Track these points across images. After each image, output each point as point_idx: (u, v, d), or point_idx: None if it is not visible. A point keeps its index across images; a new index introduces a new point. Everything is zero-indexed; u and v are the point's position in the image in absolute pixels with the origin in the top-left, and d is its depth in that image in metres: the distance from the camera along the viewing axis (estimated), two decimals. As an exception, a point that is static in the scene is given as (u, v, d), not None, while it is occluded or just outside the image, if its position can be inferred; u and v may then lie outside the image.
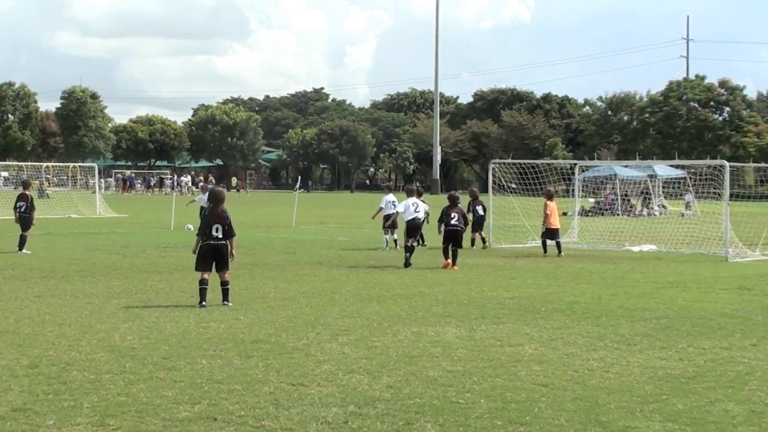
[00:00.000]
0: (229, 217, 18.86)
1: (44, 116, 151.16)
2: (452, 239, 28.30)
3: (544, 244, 32.77)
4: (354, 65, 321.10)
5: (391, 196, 33.78)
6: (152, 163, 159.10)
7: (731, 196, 33.92)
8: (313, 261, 28.91)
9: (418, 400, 10.90)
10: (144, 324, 16.16)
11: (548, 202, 32.75)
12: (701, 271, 27.34)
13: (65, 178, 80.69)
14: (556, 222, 32.77)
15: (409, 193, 30.35)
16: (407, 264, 27.52)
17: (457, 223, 28.59)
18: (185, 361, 12.97)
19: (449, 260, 27.95)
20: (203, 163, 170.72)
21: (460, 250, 28.55)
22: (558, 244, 32.35)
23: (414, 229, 28.96)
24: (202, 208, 44.06)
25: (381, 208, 33.73)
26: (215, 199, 19.04)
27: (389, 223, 32.33)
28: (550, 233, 32.69)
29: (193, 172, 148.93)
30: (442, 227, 28.67)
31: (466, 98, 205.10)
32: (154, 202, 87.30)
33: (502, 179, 40.35)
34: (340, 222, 54.23)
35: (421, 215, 29.34)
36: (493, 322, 16.81)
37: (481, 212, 35.60)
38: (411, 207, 29.15)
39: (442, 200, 34.25)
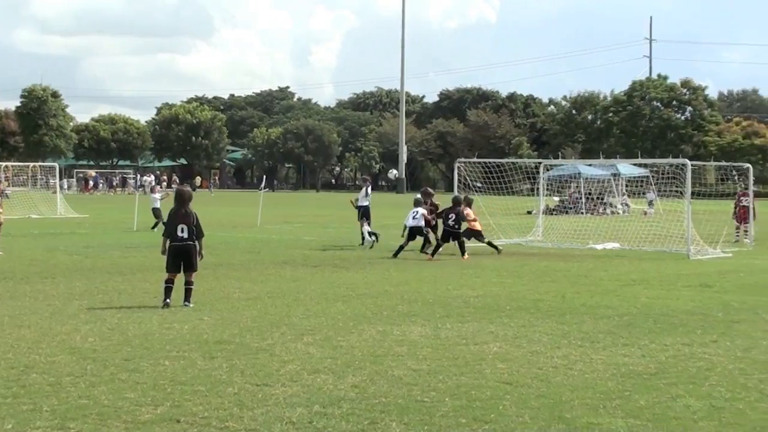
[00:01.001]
0: (196, 217, 18.74)
1: (3, 115, 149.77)
2: (449, 238, 31.20)
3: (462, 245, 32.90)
4: (319, 64, 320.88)
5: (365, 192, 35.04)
6: (115, 163, 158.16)
7: (693, 194, 34.13)
8: (278, 261, 28.84)
9: (383, 399, 10.90)
10: (106, 325, 16.03)
11: (468, 209, 32.98)
12: (663, 269, 27.50)
13: (25, 177, 80.00)
14: (478, 225, 33.05)
15: (417, 203, 32.57)
16: (395, 254, 30.55)
17: (453, 224, 31.21)
18: (148, 363, 12.90)
19: (431, 255, 30.55)
20: (167, 162, 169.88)
21: (459, 241, 31.22)
22: (462, 244, 32.13)
23: (413, 234, 31.88)
24: (154, 208, 44.07)
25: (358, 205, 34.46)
26: (180, 199, 18.87)
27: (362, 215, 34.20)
28: (476, 234, 32.84)
29: (158, 172, 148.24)
30: (435, 218, 32.00)
31: (432, 97, 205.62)
32: (116, 202, 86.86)
33: (468, 178, 40.46)
34: (306, 221, 54.12)
35: (420, 222, 31.77)
36: (458, 321, 16.83)
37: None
38: (411, 215, 32.09)
39: (408, 200, 34.32)
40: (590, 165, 73.11)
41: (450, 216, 31.44)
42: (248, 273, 25.08)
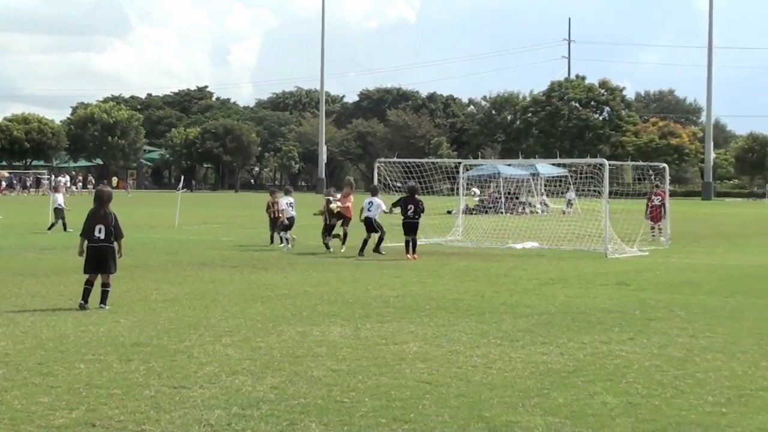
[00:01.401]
0: (116, 217, 18.52)
1: None
2: (408, 231, 30.98)
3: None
4: (238, 64, 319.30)
5: (289, 198, 34.83)
6: (28, 163, 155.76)
7: (610, 193, 34.51)
8: (196, 262, 28.66)
9: (303, 400, 10.87)
10: (19, 329, 15.76)
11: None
12: (582, 268, 27.78)
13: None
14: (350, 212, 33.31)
15: (373, 192, 33.55)
16: (360, 252, 31.30)
17: (412, 215, 31.22)
18: (62, 366, 12.72)
19: (409, 254, 30.55)
20: (82, 162, 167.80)
21: (415, 238, 31.20)
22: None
23: (367, 225, 32.22)
24: (56, 208, 43.61)
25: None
26: (99, 199, 18.65)
27: (282, 223, 34.45)
28: (345, 220, 33.23)
29: (73, 172, 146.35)
30: (394, 210, 31.85)
31: (351, 97, 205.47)
32: (30, 203, 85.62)
33: (388, 178, 40.51)
34: (224, 222, 53.84)
35: (372, 213, 32.24)
36: (377, 321, 16.85)
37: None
38: (366, 205, 32.63)
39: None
40: (509, 165, 73.76)
41: (409, 206, 31.40)
42: (166, 274, 24.88)
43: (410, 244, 30.99)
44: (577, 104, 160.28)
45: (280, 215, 34.97)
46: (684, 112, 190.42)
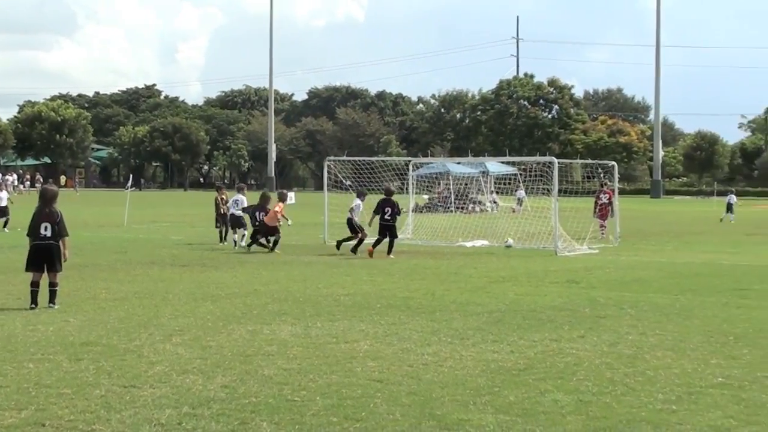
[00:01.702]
0: (61, 215, 18.37)
1: None
2: (383, 232, 31.32)
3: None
4: (186, 62, 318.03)
5: (237, 196, 34.66)
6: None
7: (560, 191, 34.68)
8: (145, 260, 28.50)
9: (254, 399, 10.84)
10: (-32, 328, 15.64)
11: (280, 205, 33.21)
12: (532, 266, 27.91)
13: None
14: (276, 222, 32.82)
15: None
16: (353, 250, 31.61)
17: (389, 218, 31.32)
18: (11, 366, 12.61)
19: (373, 248, 30.97)
20: (30, 161, 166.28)
21: (396, 240, 31.69)
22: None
23: (348, 226, 32.48)
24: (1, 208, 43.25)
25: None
26: (43, 197, 18.50)
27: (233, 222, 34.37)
28: (269, 231, 32.79)
29: (21, 171, 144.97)
30: (376, 218, 31.51)
31: (300, 96, 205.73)
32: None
33: (338, 176, 40.45)
34: (174, 220, 53.60)
35: (353, 215, 32.45)
36: (328, 319, 16.83)
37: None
38: (356, 207, 32.73)
39: (275, 198, 34.25)
40: (459, 163, 73.77)
41: (386, 209, 31.45)
42: (115, 273, 24.73)
43: (381, 242, 31.40)
44: (526, 102, 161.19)
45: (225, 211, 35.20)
46: (632, 110, 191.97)
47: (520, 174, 56.77)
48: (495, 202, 67.10)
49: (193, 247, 34.10)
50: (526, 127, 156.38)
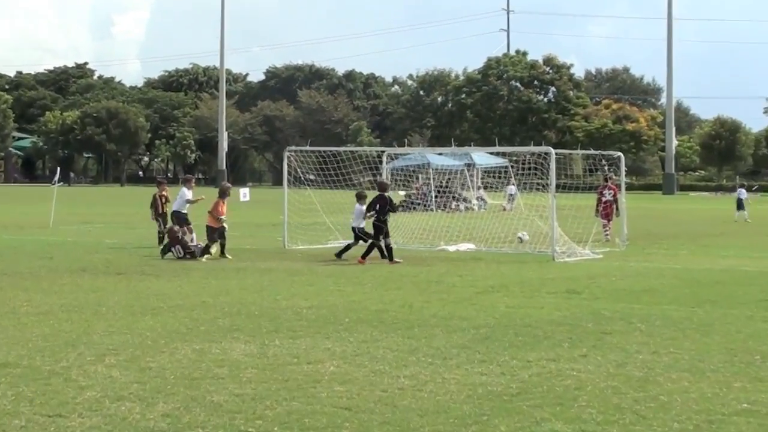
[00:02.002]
0: None
1: None
2: (374, 233, 31.49)
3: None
4: (123, 37, 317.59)
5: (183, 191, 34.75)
6: None
7: (558, 187, 34.70)
8: (74, 268, 28.39)
9: (201, 430, 10.79)
10: None
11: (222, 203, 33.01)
12: (525, 273, 27.94)
13: None
14: (216, 223, 32.50)
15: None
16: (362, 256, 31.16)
17: (377, 215, 31.53)
18: None
19: (364, 259, 30.89)
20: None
21: (377, 243, 31.47)
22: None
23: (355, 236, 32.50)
24: None
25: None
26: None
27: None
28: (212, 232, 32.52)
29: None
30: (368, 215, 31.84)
31: (256, 76, 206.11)
32: None
33: (299, 170, 40.39)
34: (108, 221, 53.49)
35: (355, 222, 32.36)
36: (288, 336, 16.78)
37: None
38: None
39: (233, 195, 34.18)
40: (440, 154, 73.92)
41: (376, 205, 31.79)
42: (38, 283, 24.60)
43: (373, 248, 31.46)
44: (518, 84, 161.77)
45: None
46: (641, 92, 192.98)
47: (512, 166, 56.83)
48: (482, 199, 67.26)
49: (131, 252, 33.99)
50: (519, 113, 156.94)
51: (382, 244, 31.45)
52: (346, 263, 30.70)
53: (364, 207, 32.35)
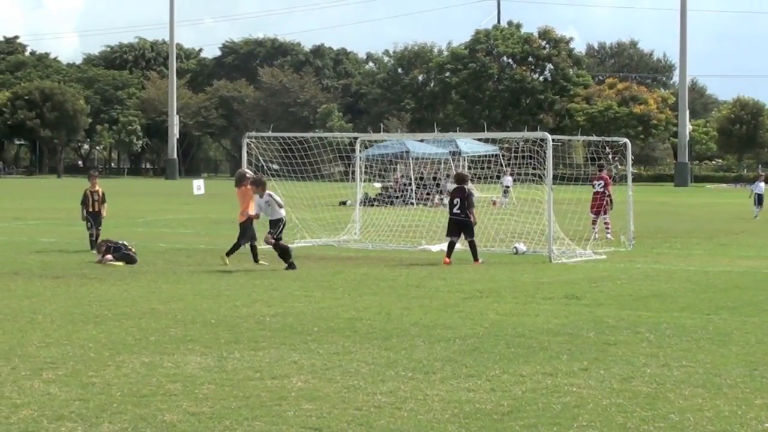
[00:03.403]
0: None
1: None
2: (452, 230, 32.03)
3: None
4: (58, 7, 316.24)
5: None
6: None
7: (555, 178, 34.78)
8: (5, 271, 28.37)
9: (151, 454, 10.84)
10: None
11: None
12: (518, 276, 28.02)
13: None
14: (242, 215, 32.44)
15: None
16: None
17: (458, 211, 31.94)
18: None
19: (449, 259, 31.41)
20: None
21: (474, 240, 32.20)
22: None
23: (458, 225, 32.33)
24: None
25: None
26: None
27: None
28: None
29: None
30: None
31: (211, 51, 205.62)
32: None
33: (261, 158, 40.39)
34: (44, 217, 53.36)
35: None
36: (249, 348, 16.84)
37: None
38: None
39: (178, 187, 34.14)
40: (422, 141, 73.88)
41: (455, 200, 32.02)
42: (-36, 288, 24.61)
43: (452, 248, 31.95)
44: (510, 61, 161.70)
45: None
46: (650, 70, 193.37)
47: (503, 155, 56.93)
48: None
49: (71, 252, 33.92)
50: (511, 93, 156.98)
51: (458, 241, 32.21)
52: (314, 264, 30.70)
53: (265, 198, 31.53)
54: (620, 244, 37.34)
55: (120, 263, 30.14)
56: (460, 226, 31.94)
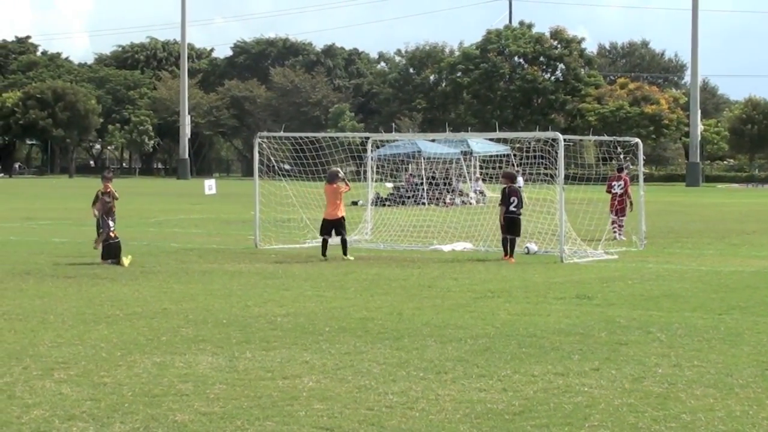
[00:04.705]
0: None
1: None
2: (512, 228, 32.70)
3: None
4: (69, 7, 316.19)
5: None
6: None
7: (567, 177, 34.72)
8: (17, 270, 28.38)
9: (162, 454, 10.85)
10: None
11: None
12: (530, 276, 27.98)
13: None
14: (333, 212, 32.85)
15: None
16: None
17: (515, 209, 32.96)
18: None
19: (509, 255, 32.32)
20: None
21: (517, 238, 33.01)
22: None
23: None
24: None
25: None
26: None
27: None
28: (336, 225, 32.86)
29: None
30: (502, 213, 32.90)
31: (223, 51, 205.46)
32: None
33: (272, 158, 40.37)
34: (56, 217, 53.37)
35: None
36: (261, 348, 16.84)
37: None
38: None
39: (190, 187, 34.17)
40: (433, 140, 73.84)
41: (512, 198, 32.84)
42: (-24, 288, 24.65)
43: (507, 244, 32.76)
44: (521, 61, 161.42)
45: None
46: (662, 70, 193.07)
47: (515, 155, 56.88)
48: (481, 192, 67.21)
49: (82, 252, 33.93)
50: (522, 93, 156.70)
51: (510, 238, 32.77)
52: (325, 264, 30.69)
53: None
54: (632, 244, 37.30)
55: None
56: (517, 224, 32.86)
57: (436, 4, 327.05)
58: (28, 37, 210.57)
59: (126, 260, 30.11)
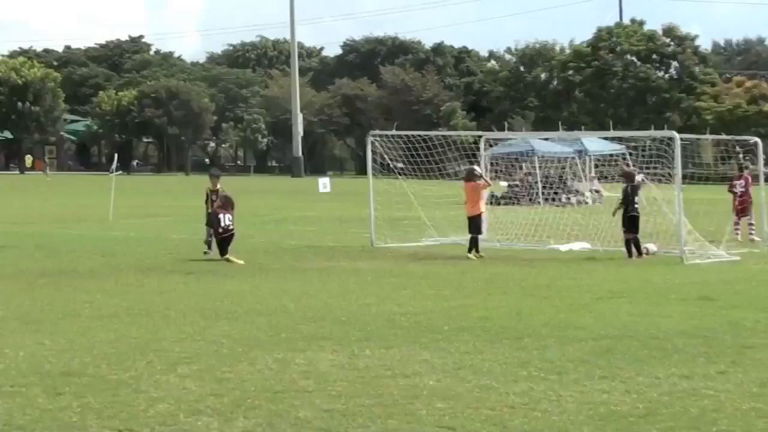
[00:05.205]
0: None
1: None
2: (633, 227, 33.28)
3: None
4: (181, 6, 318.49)
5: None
6: None
7: (685, 177, 34.43)
8: (139, 266, 28.71)
9: (287, 450, 10.88)
10: None
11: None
12: (650, 276, 27.71)
13: None
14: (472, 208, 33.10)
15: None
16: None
17: (638, 206, 33.68)
18: (-30, 404, 12.76)
19: (642, 253, 32.98)
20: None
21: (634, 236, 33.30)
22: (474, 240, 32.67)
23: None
24: None
25: None
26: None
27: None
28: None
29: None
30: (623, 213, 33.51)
31: (333, 49, 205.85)
32: None
33: (386, 157, 40.40)
34: (174, 214, 53.86)
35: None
36: (381, 346, 16.85)
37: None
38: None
39: (304, 185, 34.28)
40: (546, 139, 73.51)
41: (635, 198, 33.47)
42: (101, 282, 24.93)
43: (633, 242, 33.22)
44: (633, 58, 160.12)
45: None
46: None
47: (630, 154, 56.49)
48: (597, 191, 66.85)
49: (201, 248, 34.14)
50: (636, 92, 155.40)
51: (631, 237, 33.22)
52: (443, 263, 30.67)
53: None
54: (755, 246, 36.88)
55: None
56: (636, 223, 33.22)
57: (546, 1, 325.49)
58: (141, 36, 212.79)
59: (235, 259, 30.14)
